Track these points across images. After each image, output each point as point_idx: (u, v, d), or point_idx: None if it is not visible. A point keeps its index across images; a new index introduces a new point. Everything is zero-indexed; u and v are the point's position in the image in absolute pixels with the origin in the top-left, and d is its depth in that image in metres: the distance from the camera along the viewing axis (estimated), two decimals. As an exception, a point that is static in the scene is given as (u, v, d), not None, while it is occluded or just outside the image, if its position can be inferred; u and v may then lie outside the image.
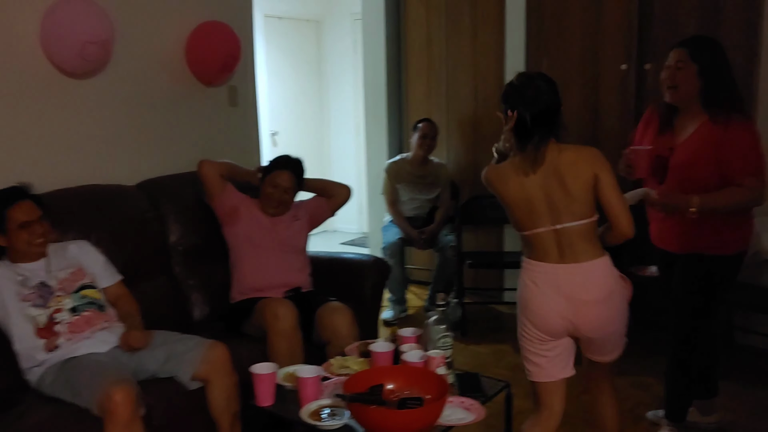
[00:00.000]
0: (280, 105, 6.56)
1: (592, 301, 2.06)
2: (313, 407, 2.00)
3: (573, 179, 2.04)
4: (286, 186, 3.05)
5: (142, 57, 3.23)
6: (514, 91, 2.17)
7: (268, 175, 3.06)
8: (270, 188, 3.05)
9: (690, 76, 2.47)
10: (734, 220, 2.51)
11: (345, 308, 2.82)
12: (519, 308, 2.18)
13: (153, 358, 2.38)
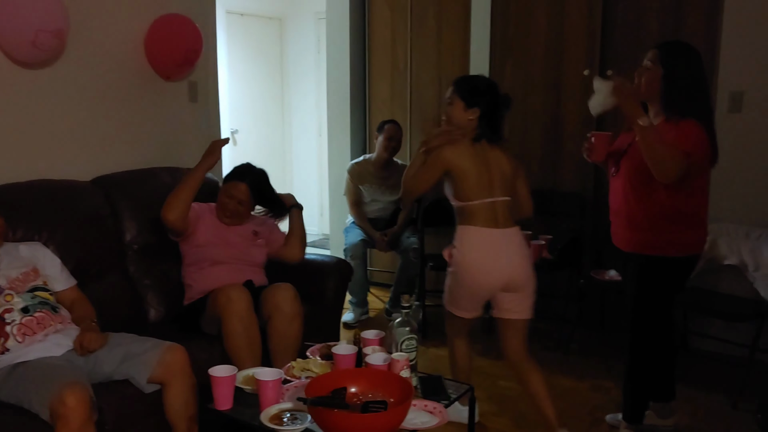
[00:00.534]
0: (240, 103, 6.46)
1: (521, 257, 2.68)
2: (274, 411, 1.95)
3: (506, 167, 2.68)
4: (241, 198, 2.97)
5: (100, 48, 3.13)
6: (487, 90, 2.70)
7: (226, 184, 3.00)
8: (225, 198, 2.98)
9: (654, 77, 2.51)
10: (683, 224, 2.54)
11: (288, 286, 2.80)
12: (463, 270, 2.65)
13: (108, 360, 2.29)
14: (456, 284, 2.70)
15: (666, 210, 2.52)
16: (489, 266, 2.63)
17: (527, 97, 4.29)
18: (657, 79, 2.51)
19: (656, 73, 2.50)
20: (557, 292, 4.16)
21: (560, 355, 3.77)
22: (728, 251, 3.42)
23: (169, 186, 3.17)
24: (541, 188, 4.26)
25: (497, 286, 2.66)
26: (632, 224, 2.62)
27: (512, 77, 4.33)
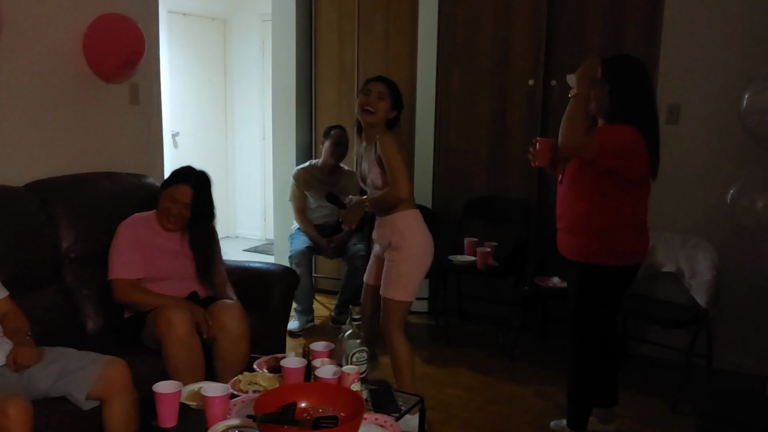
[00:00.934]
0: (181, 105, 6.31)
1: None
2: (221, 428, 1.89)
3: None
4: (186, 201, 2.84)
5: (34, 47, 2.99)
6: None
7: (169, 188, 2.86)
8: (168, 203, 2.84)
9: (601, 92, 2.58)
10: (624, 233, 2.60)
11: (235, 305, 2.74)
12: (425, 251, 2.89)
13: (44, 376, 2.18)
14: (420, 267, 2.88)
15: (607, 219, 2.58)
16: (431, 240, 2.92)
17: (474, 104, 4.33)
18: (605, 96, 2.57)
19: (603, 90, 2.56)
20: (502, 298, 4.21)
21: (505, 361, 3.81)
22: (666, 258, 3.53)
23: (109, 191, 3.08)
24: (487, 195, 4.32)
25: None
26: (575, 232, 2.68)
27: (459, 84, 4.36)
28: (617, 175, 2.53)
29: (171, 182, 2.89)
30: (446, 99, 4.41)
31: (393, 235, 2.85)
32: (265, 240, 6.61)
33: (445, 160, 4.45)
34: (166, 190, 2.87)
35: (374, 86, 2.83)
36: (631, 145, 2.50)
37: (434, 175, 4.48)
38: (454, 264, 4.07)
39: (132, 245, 2.77)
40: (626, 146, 2.50)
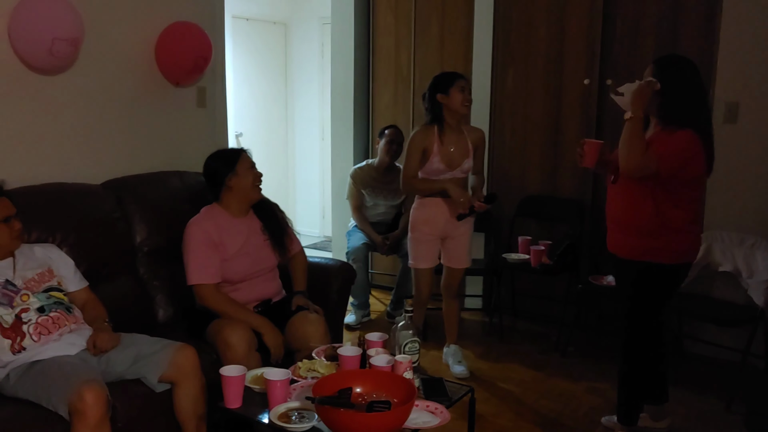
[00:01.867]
0: (245, 106, 6.54)
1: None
2: (282, 410, 2.03)
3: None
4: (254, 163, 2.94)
5: (112, 55, 3.21)
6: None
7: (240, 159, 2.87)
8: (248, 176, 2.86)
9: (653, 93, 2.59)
10: (676, 232, 2.62)
11: (319, 319, 2.81)
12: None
13: (120, 359, 2.37)
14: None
15: (659, 217, 2.61)
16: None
17: (528, 103, 4.37)
18: (656, 95, 2.59)
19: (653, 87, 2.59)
20: (555, 296, 4.24)
21: (557, 358, 3.85)
22: (723, 258, 3.51)
23: (178, 189, 3.25)
24: (541, 194, 4.35)
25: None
26: (627, 231, 2.71)
27: (514, 84, 4.41)
28: (675, 178, 2.56)
29: (233, 158, 2.87)
30: (500, 98, 4.46)
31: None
32: (323, 237, 6.78)
33: (499, 159, 4.51)
34: (239, 164, 2.86)
35: (466, 84, 3.37)
36: (687, 151, 2.52)
37: (488, 173, 4.53)
38: (508, 262, 4.13)
39: (204, 244, 2.77)
40: (683, 153, 2.52)
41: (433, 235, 3.49)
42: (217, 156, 2.95)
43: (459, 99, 3.31)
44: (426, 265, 3.54)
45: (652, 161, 2.51)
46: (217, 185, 2.89)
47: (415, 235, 3.52)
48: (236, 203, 2.91)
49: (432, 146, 3.36)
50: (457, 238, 3.51)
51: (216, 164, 2.90)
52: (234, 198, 2.89)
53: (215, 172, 2.89)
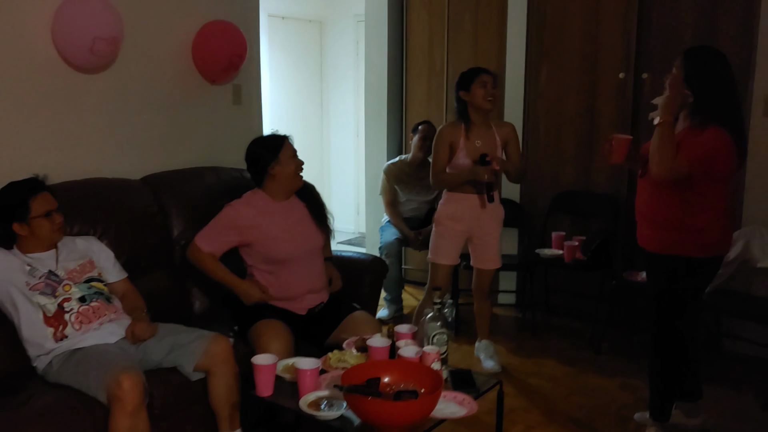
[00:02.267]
0: (281, 104, 6.62)
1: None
2: (312, 398, 2.07)
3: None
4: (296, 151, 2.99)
5: (150, 54, 3.30)
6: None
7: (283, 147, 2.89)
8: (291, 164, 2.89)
9: (677, 82, 2.56)
10: (705, 225, 2.59)
11: (373, 320, 2.89)
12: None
13: (157, 349, 2.44)
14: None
15: (691, 211, 2.57)
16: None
17: (562, 99, 4.35)
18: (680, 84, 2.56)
19: (678, 77, 2.56)
20: (589, 292, 4.21)
21: (591, 354, 3.82)
22: (761, 254, 3.44)
23: (214, 184, 3.32)
24: (575, 190, 4.32)
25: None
26: (654, 224, 2.68)
27: (548, 79, 4.39)
28: (706, 176, 2.53)
29: (276, 146, 2.89)
30: (534, 94, 4.45)
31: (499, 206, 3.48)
32: (358, 233, 6.84)
33: (533, 155, 4.49)
34: (282, 151, 2.88)
35: (489, 78, 3.34)
36: (717, 150, 2.49)
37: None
38: (542, 257, 4.11)
39: (226, 224, 2.84)
40: (713, 152, 2.49)
41: (456, 231, 3.46)
42: (260, 143, 2.95)
43: (480, 94, 3.30)
44: (445, 261, 3.50)
45: (683, 165, 2.48)
46: (260, 172, 2.92)
47: (439, 229, 3.50)
48: (278, 189, 2.93)
49: (458, 141, 3.37)
50: (485, 238, 3.49)
51: (259, 151, 2.91)
52: (276, 185, 2.91)
53: (258, 159, 2.91)
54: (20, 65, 2.79)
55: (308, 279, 2.92)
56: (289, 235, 2.88)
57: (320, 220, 3.03)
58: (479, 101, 3.32)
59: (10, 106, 2.77)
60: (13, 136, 2.80)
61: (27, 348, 2.39)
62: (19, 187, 2.42)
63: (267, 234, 2.85)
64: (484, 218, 3.44)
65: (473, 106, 3.35)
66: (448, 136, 3.39)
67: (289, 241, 2.87)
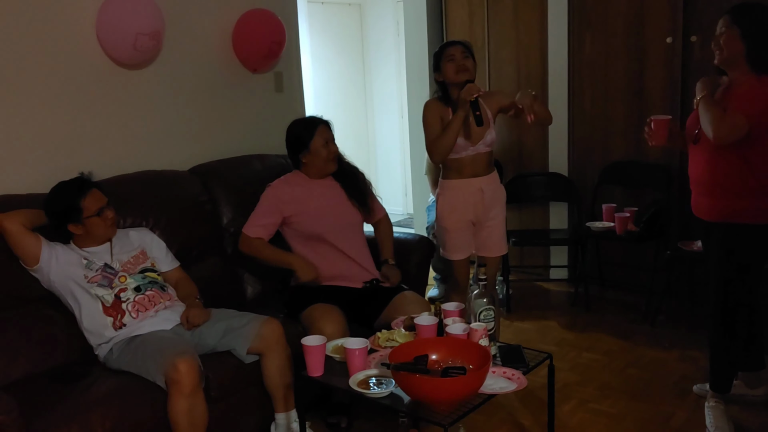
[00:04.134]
0: (324, 89, 6.65)
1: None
2: (361, 377, 2.09)
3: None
4: (332, 137, 3.01)
5: (192, 46, 3.36)
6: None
7: (315, 132, 2.94)
8: (323, 150, 2.93)
9: (732, 38, 2.49)
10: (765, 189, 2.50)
11: (422, 300, 2.90)
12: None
13: (212, 333, 2.51)
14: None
15: (747, 177, 2.49)
16: None
17: (608, 67, 4.24)
18: (735, 38, 2.48)
19: (733, 33, 2.48)
20: (644, 263, 4.12)
21: (647, 327, 3.75)
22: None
23: (260, 171, 3.37)
24: (625, 160, 4.22)
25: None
26: (712, 193, 2.60)
27: (592, 48, 4.28)
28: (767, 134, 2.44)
29: (307, 136, 2.94)
30: (579, 65, 4.35)
31: (500, 189, 3.22)
32: (406, 214, 6.85)
33: (579, 127, 4.40)
34: (314, 137, 2.93)
35: (457, 50, 3.02)
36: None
37: (569, 142, 4.44)
38: (593, 230, 4.04)
39: (268, 206, 2.93)
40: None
41: (462, 222, 3.13)
42: (294, 131, 3.01)
43: (451, 69, 2.97)
44: (461, 256, 3.20)
45: (742, 122, 2.40)
46: (294, 158, 3.03)
47: (444, 224, 3.16)
48: (313, 172, 3.01)
49: (447, 117, 3.03)
50: (489, 223, 3.16)
51: (292, 139, 3.01)
52: (310, 168, 3.00)
53: (291, 146, 3.02)
54: (68, 66, 2.88)
55: (351, 253, 2.98)
56: (325, 211, 2.95)
57: (357, 200, 3.05)
58: (451, 77, 2.98)
59: (60, 106, 2.87)
60: (64, 135, 2.90)
61: (88, 337, 2.50)
62: (68, 188, 2.50)
63: (305, 208, 2.93)
64: (486, 202, 3.11)
65: (450, 85, 3.02)
66: (436, 109, 3.05)
67: (325, 216, 2.94)
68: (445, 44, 3.13)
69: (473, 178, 3.08)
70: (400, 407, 2.02)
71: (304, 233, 2.95)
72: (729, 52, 2.51)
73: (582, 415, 2.86)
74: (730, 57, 2.52)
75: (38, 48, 2.78)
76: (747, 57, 2.49)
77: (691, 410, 2.84)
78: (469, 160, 3.06)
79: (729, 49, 2.50)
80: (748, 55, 2.48)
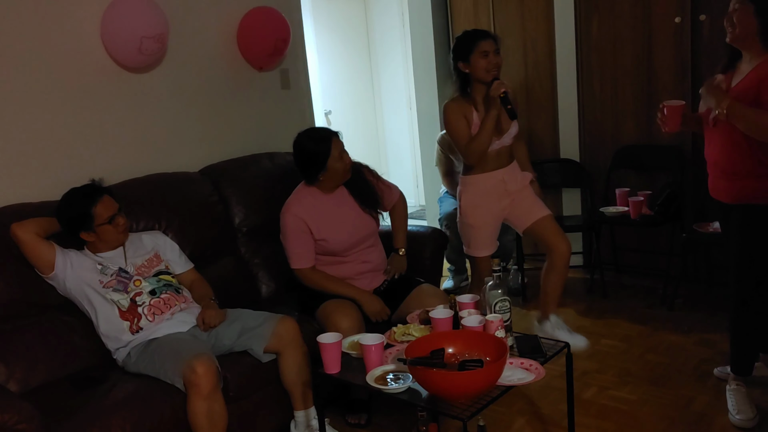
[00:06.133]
0: (332, 84, 6.63)
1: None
2: (378, 373, 2.09)
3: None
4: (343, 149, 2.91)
5: (197, 47, 3.36)
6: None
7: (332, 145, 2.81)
8: (337, 163, 2.83)
9: (746, 15, 2.43)
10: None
11: (439, 292, 2.89)
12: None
13: (228, 333, 2.52)
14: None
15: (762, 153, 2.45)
16: None
17: (616, 50, 4.19)
18: (749, 15, 2.42)
19: (747, 10, 2.42)
20: (659, 247, 4.09)
21: (664, 311, 3.72)
22: None
23: (271, 170, 3.37)
24: (637, 143, 4.18)
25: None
26: (731, 175, 2.56)
27: (599, 31, 4.23)
28: None
29: (322, 157, 2.82)
30: (587, 48, 4.30)
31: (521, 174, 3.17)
32: (419, 206, 6.82)
33: (590, 112, 4.36)
34: (331, 155, 2.81)
35: (492, 45, 2.92)
36: None
37: (579, 127, 4.40)
38: (606, 216, 4.01)
39: (297, 232, 2.85)
40: None
41: (487, 217, 3.09)
42: (306, 149, 2.86)
43: (482, 66, 2.86)
44: (485, 253, 3.13)
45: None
46: (310, 176, 2.90)
47: (468, 221, 3.10)
48: (326, 184, 2.93)
49: (471, 116, 2.96)
50: (518, 196, 3.11)
51: (304, 157, 2.87)
52: (326, 183, 2.92)
53: (304, 165, 2.88)
54: (74, 71, 2.89)
55: (368, 262, 2.98)
56: (342, 228, 2.91)
57: (369, 206, 3.02)
58: (481, 74, 2.87)
59: (68, 112, 2.88)
60: (73, 141, 2.91)
61: (106, 342, 2.51)
62: (79, 195, 2.51)
63: (322, 230, 2.88)
64: (510, 190, 3.07)
65: (476, 79, 2.92)
66: (459, 109, 2.97)
67: (342, 233, 2.91)
68: (475, 34, 2.96)
69: (495, 171, 3.05)
70: (418, 402, 2.02)
71: (322, 250, 2.91)
72: (742, 29, 2.45)
73: (602, 402, 2.84)
74: (743, 34, 2.46)
75: (44, 55, 2.79)
76: (761, 34, 2.43)
77: (712, 394, 2.82)
78: (494, 154, 3.01)
79: (742, 26, 2.44)
80: (762, 32, 2.43)
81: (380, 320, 2.82)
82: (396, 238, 3.15)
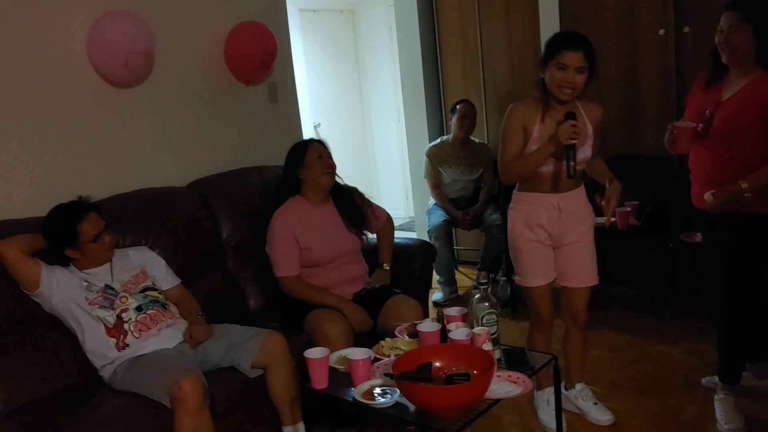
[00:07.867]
0: (320, 97, 6.65)
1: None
2: (366, 387, 2.08)
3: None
4: (330, 154, 3.04)
5: (184, 62, 3.36)
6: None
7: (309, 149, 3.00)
8: (316, 162, 2.96)
9: (745, 37, 2.44)
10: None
11: (414, 303, 2.89)
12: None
13: (215, 349, 2.51)
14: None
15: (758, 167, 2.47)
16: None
17: (601, 63, 4.15)
18: (748, 37, 2.43)
19: (745, 32, 2.43)
20: (647, 257, 4.10)
21: (653, 321, 3.73)
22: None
23: (259, 184, 3.37)
24: (623, 154, 4.21)
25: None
26: (719, 185, 2.56)
27: (585, 45, 4.26)
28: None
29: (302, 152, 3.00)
30: (573, 60, 4.33)
31: (585, 208, 2.72)
32: (408, 218, 6.83)
33: (576, 123, 4.38)
34: (308, 153, 2.97)
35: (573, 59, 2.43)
36: None
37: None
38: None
39: (285, 239, 2.90)
40: None
41: (541, 240, 2.65)
42: (289, 153, 3.07)
43: (556, 79, 2.44)
44: (540, 282, 2.68)
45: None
46: (293, 179, 3.03)
47: (517, 243, 2.67)
48: (312, 192, 3.02)
49: (532, 127, 2.54)
50: (573, 245, 2.66)
51: (289, 161, 3.05)
52: (309, 188, 3.02)
53: (288, 168, 3.05)
54: (61, 87, 2.89)
55: (349, 272, 3.02)
56: (326, 240, 2.97)
57: (354, 227, 3.08)
58: (554, 89, 2.47)
59: (54, 128, 2.88)
60: (60, 156, 2.90)
61: (92, 359, 2.49)
62: (65, 212, 2.50)
63: (308, 241, 2.93)
64: (567, 220, 2.63)
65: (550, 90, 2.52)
66: (522, 116, 2.56)
67: (326, 245, 2.96)
68: (564, 40, 2.49)
69: (550, 194, 2.62)
70: (406, 416, 2.01)
71: (304, 260, 2.96)
72: (743, 52, 2.46)
73: (591, 413, 2.84)
74: (744, 56, 2.47)
75: (30, 70, 2.78)
76: (758, 54, 2.45)
77: (700, 404, 2.82)
78: (550, 174, 2.58)
79: (742, 48, 2.45)
80: (760, 52, 2.45)
81: (364, 330, 2.82)
82: (382, 253, 3.19)
